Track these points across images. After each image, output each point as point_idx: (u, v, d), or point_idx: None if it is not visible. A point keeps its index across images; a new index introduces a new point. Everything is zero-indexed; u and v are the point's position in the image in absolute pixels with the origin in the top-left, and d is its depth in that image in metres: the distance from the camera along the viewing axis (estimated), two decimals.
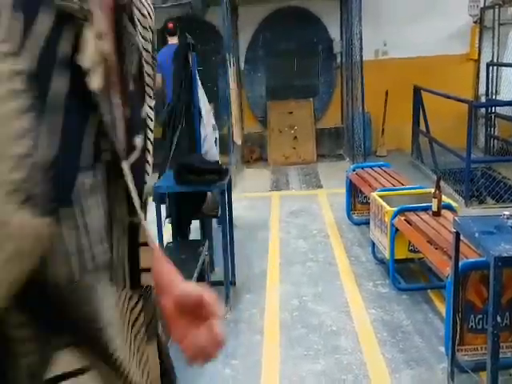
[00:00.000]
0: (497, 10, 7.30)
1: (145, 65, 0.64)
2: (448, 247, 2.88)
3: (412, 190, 4.15)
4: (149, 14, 0.71)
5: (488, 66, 7.40)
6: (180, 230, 3.84)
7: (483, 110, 7.48)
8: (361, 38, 6.53)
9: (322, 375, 2.71)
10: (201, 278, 3.19)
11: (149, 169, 0.66)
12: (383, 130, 7.69)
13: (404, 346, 2.92)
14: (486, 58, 7.57)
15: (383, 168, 4.98)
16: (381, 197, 3.89)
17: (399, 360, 2.80)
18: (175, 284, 0.80)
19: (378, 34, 7.56)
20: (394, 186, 4.40)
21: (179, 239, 3.77)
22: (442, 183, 4.10)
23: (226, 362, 2.84)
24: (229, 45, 6.46)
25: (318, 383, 2.65)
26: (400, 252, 3.59)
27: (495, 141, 7.27)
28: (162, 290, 0.77)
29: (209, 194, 3.79)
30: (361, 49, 6.55)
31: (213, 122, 4.60)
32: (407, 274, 3.80)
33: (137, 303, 0.61)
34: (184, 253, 3.25)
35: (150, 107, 0.68)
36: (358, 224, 4.81)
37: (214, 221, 4.23)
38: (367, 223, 4.30)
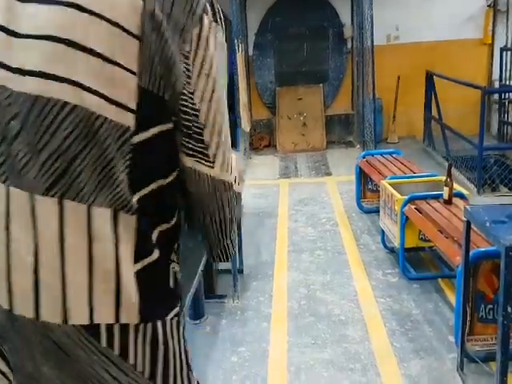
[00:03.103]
0: None
1: None
2: (459, 236, 2.84)
3: (423, 178, 4.09)
4: None
5: (502, 50, 7.27)
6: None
7: (496, 96, 7.35)
8: (372, 23, 6.43)
9: (330, 364, 2.69)
10: (208, 266, 3.18)
11: None
12: (394, 116, 7.59)
13: (413, 336, 2.90)
14: (499, 42, 7.43)
15: (394, 155, 4.92)
16: (391, 184, 3.84)
17: (408, 349, 2.78)
18: None
19: (390, 19, 7.43)
20: (404, 173, 4.34)
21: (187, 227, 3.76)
22: (453, 171, 4.04)
23: (233, 349, 2.84)
24: (237, 30, 6.38)
25: (325, 372, 2.64)
26: (410, 241, 3.55)
27: (508, 127, 7.16)
28: None
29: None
30: (372, 33, 6.44)
31: None
32: (417, 262, 3.76)
33: None
34: (192, 241, 3.23)
35: None
36: (367, 212, 4.76)
37: None
38: (377, 211, 4.26)
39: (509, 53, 7.20)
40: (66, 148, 0.70)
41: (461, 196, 3.55)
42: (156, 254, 0.77)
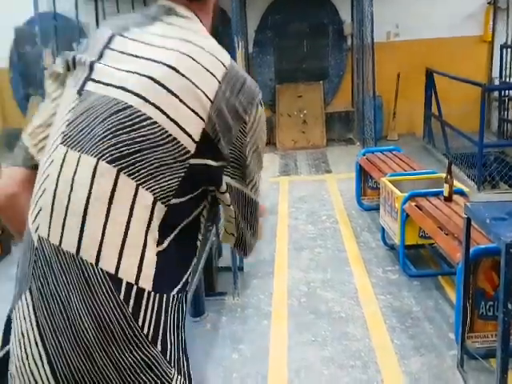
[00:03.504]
0: None
1: None
2: (459, 233, 2.83)
3: (423, 175, 4.09)
4: None
5: (502, 48, 7.25)
6: None
7: (496, 93, 7.34)
8: (372, 20, 6.41)
9: (330, 361, 2.69)
10: (208, 264, 3.18)
11: None
12: (394, 113, 7.58)
13: (413, 333, 2.90)
14: (499, 39, 7.41)
15: (394, 152, 4.91)
16: (391, 182, 3.84)
17: (408, 346, 2.78)
18: None
19: (390, 16, 7.42)
20: (404, 170, 4.34)
21: None
22: (453, 168, 4.04)
23: (233, 346, 2.84)
24: (236, 27, 6.37)
25: (326, 369, 2.64)
26: (410, 238, 3.55)
27: (508, 124, 7.15)
28: None
29: None
30: (372, 31, 6.43)
31: None
32: (417, 260, 3.76)
33: None
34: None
35: None
36: (367, 209, 4.76)
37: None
38: (377, 209, 4.26)
39: (509, 50, 7.19)
40: (136, 141, 0.89)
41: (461, 193, 3.55)
42: (171, 238, 0.92)
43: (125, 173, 0.88)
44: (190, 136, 0.90)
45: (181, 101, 0.90)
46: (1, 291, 1.73)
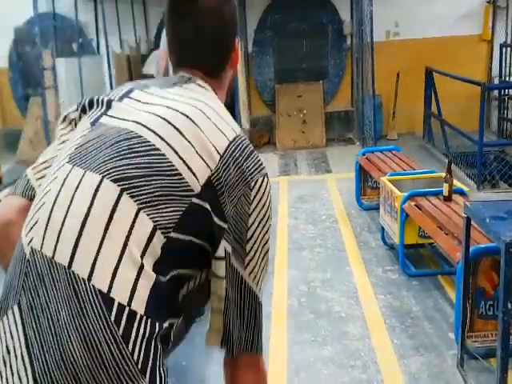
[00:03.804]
0: None
1: None
2: (459, 232, 2.83)
3: (423, 175, 4.08)
4: None
5: (501, 47, 7.25)
6: None
7: (496, 92, 7.34)
8: (371, 19, 6.41)
9: (330, 361, 2.69)
10: None
11: None
12: (394, 113, 7.58)
13: (413, 333, 2.90)
14: (499, 38, 7.41)
15: (393, 152, 4.91)
16: (391, 181, 3.84)
17: (408, 346, 2.78)
18: None
19: (390, 15, 7.42)
20: (404, 170, 4.33)
21: None
22: (453, 167, 4.04)
23: None
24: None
25: (325, 369, 2.64)
26: (410, 237, 3.55)
27: (508, 123, 7.15)
28: None
29: None
30: (371, 30, 6.42)
31: None
32: (417, 259, 3.76)
33: None
34: None
35: None
36: (367, 209, 4.76)
37: None
38: (377, 208, 4.25)
39: (508, 49, 7.19)
40: (142, 166, 0.90)
41: (461, 192, 3.54)
42: (166, 278, 0.89)
43: (128, 193, 0.88)
44: (195, 177, 0.90)
45: (191, 145, 0.92)
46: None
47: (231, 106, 1.14)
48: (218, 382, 2.63)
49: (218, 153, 0.93)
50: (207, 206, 0.91)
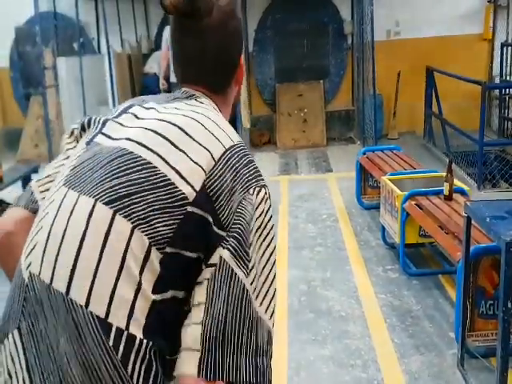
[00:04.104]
0: None
1: None
2: (459, 232, 2.83)
3: (423, 174, 4.09)
4: None
5: (502, 46, 7.24)
6: None
7: (497, 92, 7.33)
8: (372, 18, 6.41)
9: (330, 360, 2.70)
10: None
11: None
12: (395, 112, 7.58)
13: (413, 332, 2.90)
14: (500, 38, 7.40)
15: (394, 151, 4.91)
16: (391, 181, 3.84)
17: (408, 345, 2.78)
18: None
19: (391, 14, 7.41)
20: (404, 169, 4.34)
21: None
22: (454, 166, 4.04)
23: None
24: None
25: (326, 368, 2.64)
26: (410, 237, 3.55)
27: (509, 123, 7.14)
28: None
29: None
30: (372, 29, 6.42)
31: None
32: (418, 258, 3.76)
33: None
34: None
35: None
36: (367, 208, 4.76)
37: None
38: (377, 208, 4.25)
39: (509, 48, 7.18)
40: (134, 183, 0.89)
41: (461, 192, 3.54)
42: (174, 292, 0.87)
43: (120, 214, 0.87)
44: (189, 184, 0.89)
45: (184, 153, 0.91)
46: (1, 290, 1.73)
47: (232, 105, 1.14)
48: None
49: (213, 158, 0.92)
50: (203, 213, 0.88)
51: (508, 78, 7.19)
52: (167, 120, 0.96)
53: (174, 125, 0.95)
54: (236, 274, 0.86)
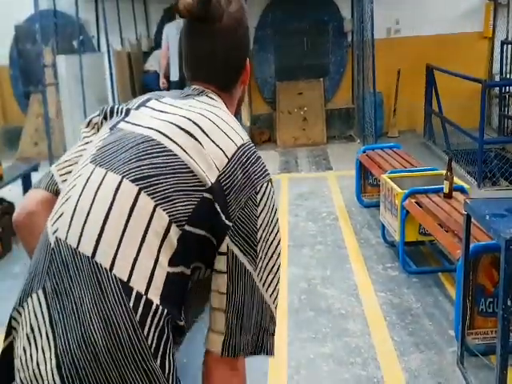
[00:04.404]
0: None
1: None
2: (459, 230, 2.84)
3: (423, 172, 4.09)
4: None
5: (502, 44, 7.23)
6: None
7: (497, 90, 7.33)
8: (372, 16, 6.40)
9: (330, 358, 2.70)
10: None
11: None
12: (395, 110, 7.57)
13: (413, 330, 2.90)
14: (500, 36, 7.40)
15: (394, 149, 4.91)
16: (391, 179, 3.84)
17: (408, 343, 2.78)
18: None
19: (391, 12, 7.40)
20: (404, 167, 4.33)
21: None
22: (454, 164, 4.04)
23: None
24: None
25: (326, 366, 2.64)
26: (410, 235, 3.55)
27: (509, 121, 7.14)
28: None
29: None
30: (372, 27, 6.42)
31: None
32: (417, 256, 3.76)
33: None
34: None
35: None
36: (367, 206, 4.76)
37: None
38: (377, 206, 4.26)
39: (509, 46, 7.17)
40: (158, 166, 0.97)
41: (461, 190, 3.55)
42: (183, 268, 0.96)
43: (145, 192, 0.95)
44: (206, 175, 0.97)
45: (202, 147, 0.99)
46: (2, 288, 1.74)
47: (238, 104, 1.23)
48: None
49: (227, 156, 1.00)
50: (215, 202, 0.96)
51: (508, 76, 7.18)
52: (186, 116, 1.03)
53: (193, 122, 1.02)
54: (247, 269, 0.97)
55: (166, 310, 0.92)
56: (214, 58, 1.11)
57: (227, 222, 0.97)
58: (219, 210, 0.96)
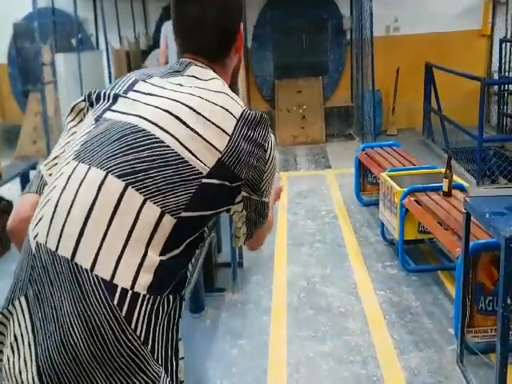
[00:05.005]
0: None
1: None
2: (458, 228, 2.84)
3: (422, 170, 4.08)
4: None
5: (501, 42, 7.23)
6: None
7: (496, 88, 7.32)
8: (371, 14, 6.39)
9: (330, 356, 2.70)
10: (208, 260, 3.18)
11: None
12: (394, 108, 7.57)
13: (413, 328, 2.90)
14: (499, 33, 7.39)
15: (393, 147, 4.90)
16: (390, 177, 3.84)
17: (408, 341, 2.78)
18: None
19: (390, 10, 7.40)
20: (404, 165, 4.33)
21: None
22: (453, 162, 4.03)
23: (233, 342, 2.84)
24: None
25: (325, 364, 2.64)
26: (410, 233, 3.55)
27: (508, 119, 7.14)
28: None
29: None
30: (371, 25, 6.41)
31: None
32: (417, 255, 3.76)
33: None
34: None
35: None
36: (367, 205, 4.76)
37: None
38: (376, 204, 4.26)
39: (508, 44, 7.17)
40: (147, 159, 0.94)
41: (460, 188, 3.54)
42: (177, 251, 0.95)
43: (133, 187, 0.92)
44: (202, 163, 0.95)
45: (197, 133, 0.96)
46: (1, 288, 1.73)
47: (233, 73, 1.20)
48: (216, 377, 2.65)
49: (227, 134, 0.98)
50: (220, 181, 0.97)
51: (507, 74, 7.18)
52: (177, 99, 0.99)
53: (185, 105, 0.98)
54: (256, 198, 1.09)
55: (153, 297, 0.90)
56: (203, 24, 1.06)
57: (238, 183, 1.00)
58: (227, 183, 0.98)
